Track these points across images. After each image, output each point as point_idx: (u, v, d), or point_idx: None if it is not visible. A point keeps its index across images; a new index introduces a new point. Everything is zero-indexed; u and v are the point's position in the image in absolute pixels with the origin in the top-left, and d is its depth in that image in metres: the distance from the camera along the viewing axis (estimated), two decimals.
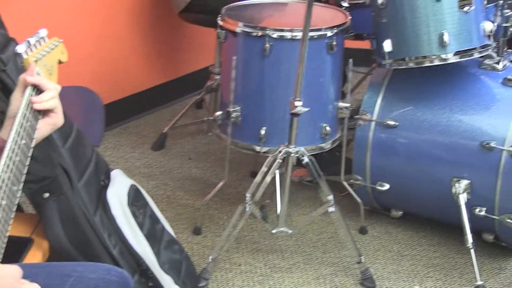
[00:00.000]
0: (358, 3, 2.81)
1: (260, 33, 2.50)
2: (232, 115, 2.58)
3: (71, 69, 2.22)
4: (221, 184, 2.76)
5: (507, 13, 2.56)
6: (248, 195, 2.45)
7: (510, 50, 2.69)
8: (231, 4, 2.74)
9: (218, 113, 2.66)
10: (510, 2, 2.55)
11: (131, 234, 2.10)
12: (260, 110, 2.59)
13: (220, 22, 2.62)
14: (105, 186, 2.13)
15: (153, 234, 2.24)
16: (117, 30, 3.52)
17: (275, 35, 2.49)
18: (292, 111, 2.32)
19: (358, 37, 2.86)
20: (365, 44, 2.79)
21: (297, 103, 2.31)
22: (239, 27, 2.54)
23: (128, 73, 3.65)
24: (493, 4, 2.52)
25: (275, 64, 2.52)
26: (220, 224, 2.86)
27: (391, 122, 2.63)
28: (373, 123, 2.67)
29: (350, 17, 2.66)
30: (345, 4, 2.84)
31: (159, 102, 3.85)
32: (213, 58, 3.09)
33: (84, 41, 3.31)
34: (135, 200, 2.21)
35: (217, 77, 2.95)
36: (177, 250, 2.37)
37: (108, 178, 2.17)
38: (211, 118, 3.05)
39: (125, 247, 2.08)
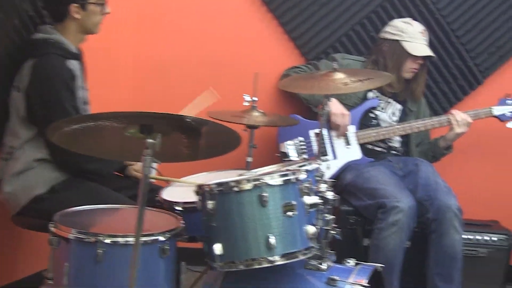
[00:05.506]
0: (191, 207, 2.91)
1: (93, 239, 2.52)
2: None
3: None
4: None
5: (327, 217, 2.76)
6: None
7: (332, 251, 2.87)
8: (64, 210, 2.76)
9: None
10: (329, 207, 2.75)
11: None
12: None
13: (52, 229, 2.62)
14: None
15: None
16: None
17: (108, 240, 2.52)
18: None
19: (192, 239, 2.92)
20: (200, 244, 2.86)
21: None
22: (72, 234, 2.55)
23: None
24: (314, 209, 2.70)
25: (108, 269, 2.52)
26: None
27: None
28: None
29: (183, 221, 2.75)
30: (179, 208, 2.94)
31: None
32: (47, 262, 3.04)
33: None
34: None
35: (50, 282, 2.89)
36: None
37: None
38: None
39: None
